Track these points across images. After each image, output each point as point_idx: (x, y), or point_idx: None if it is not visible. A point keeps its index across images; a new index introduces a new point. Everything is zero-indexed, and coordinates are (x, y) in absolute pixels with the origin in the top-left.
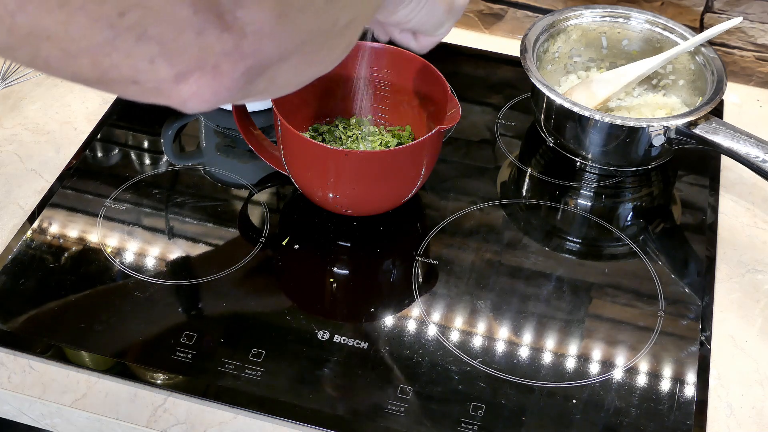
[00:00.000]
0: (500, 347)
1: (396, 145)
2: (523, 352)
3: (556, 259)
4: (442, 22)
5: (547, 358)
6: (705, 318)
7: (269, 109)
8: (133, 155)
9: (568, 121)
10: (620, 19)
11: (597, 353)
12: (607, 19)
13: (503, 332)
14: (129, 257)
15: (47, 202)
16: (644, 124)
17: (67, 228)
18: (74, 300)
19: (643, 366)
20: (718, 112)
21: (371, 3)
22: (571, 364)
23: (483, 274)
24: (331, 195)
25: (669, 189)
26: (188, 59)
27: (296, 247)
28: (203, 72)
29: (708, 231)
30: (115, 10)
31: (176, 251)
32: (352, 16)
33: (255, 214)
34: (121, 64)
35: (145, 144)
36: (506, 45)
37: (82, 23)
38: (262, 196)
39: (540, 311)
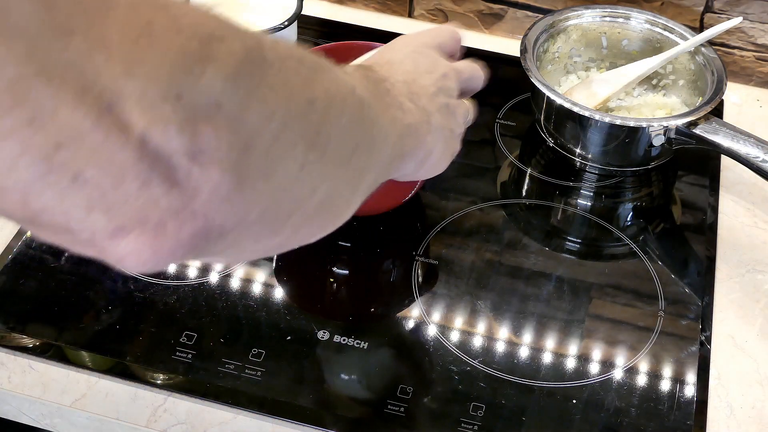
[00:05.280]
0: (500, 347)
1: None
2: (523, 352)
3: (556, 259)
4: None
5: (547, 358)
6: (705, 318)
7: None
8: None
9: (568, 121)
10: (620, 19)
11: (597, 353)
12: (607, 19)
13: (503, 332)
14: None
15: None
16: (644, 124)
17: None
18: (74, 300)
19: (643, 366)
20: (718, 112)
21: (362, 177)
22: (571, 364)
23: (483, 274)
24: None
25: (669, 189)
26: (129, 212)
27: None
28: (144, 229)
29: (708, 231)
30: (52, 140)
31: None
32: (332, 187)
33: None
34: (53, 208)
35: None
36: (506, 45)
37: (13, 151)
38: None
39: (540, 311)
